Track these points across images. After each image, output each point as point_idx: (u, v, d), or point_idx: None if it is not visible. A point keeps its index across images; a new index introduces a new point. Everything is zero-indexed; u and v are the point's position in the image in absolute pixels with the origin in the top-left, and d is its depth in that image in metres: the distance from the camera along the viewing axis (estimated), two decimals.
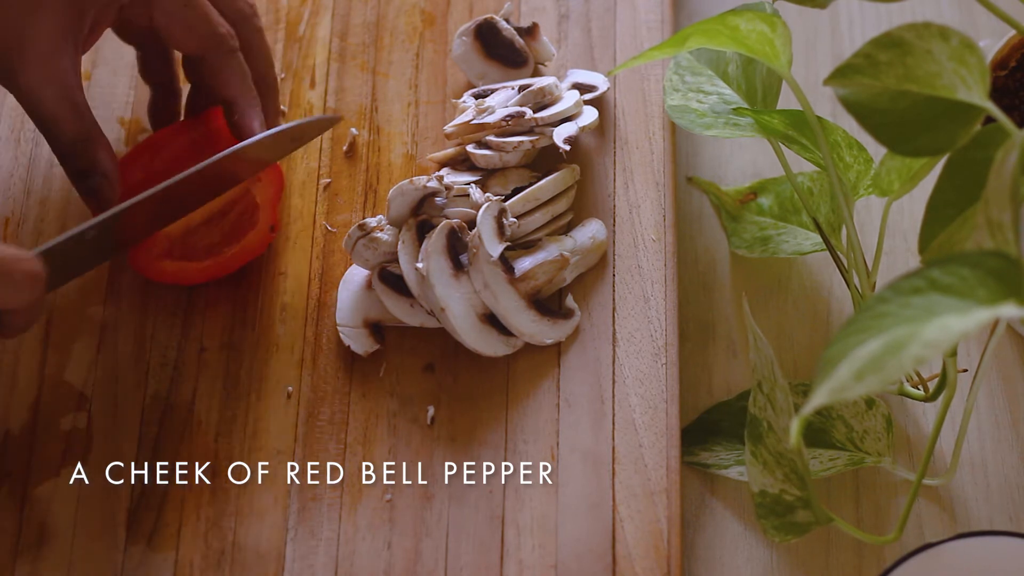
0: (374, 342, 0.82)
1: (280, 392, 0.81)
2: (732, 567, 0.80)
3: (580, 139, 0.87)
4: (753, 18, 0.72)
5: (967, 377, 0.84)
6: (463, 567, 0.76)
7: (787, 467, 0.75)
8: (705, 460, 0.82)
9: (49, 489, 0.79)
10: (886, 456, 0.80)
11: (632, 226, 0.84)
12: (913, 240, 0.88)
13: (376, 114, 0.89)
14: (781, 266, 0.88)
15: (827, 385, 0.56)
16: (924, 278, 0.58)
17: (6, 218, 0.87)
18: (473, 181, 0.84)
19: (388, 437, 0.80)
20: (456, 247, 0.81)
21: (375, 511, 0.78)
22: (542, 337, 0.81)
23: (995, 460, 0.82)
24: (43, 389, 0.82)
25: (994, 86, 0.83)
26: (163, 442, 0.80)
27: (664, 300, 0.82)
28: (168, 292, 0.84)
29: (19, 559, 0.77)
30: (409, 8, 0.92)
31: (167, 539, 0.77)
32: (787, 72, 0.75)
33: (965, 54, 0.64)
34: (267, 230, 0.83)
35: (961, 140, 0.66)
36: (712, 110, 0.83)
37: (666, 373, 0.80)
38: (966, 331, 0.55)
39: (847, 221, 0.77)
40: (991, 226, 0.60)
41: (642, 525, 0.76)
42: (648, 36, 0.90)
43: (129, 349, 0.82)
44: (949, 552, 0.72)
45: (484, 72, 0.89)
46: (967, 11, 0.96)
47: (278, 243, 0.85)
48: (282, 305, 0.84)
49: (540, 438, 0.79)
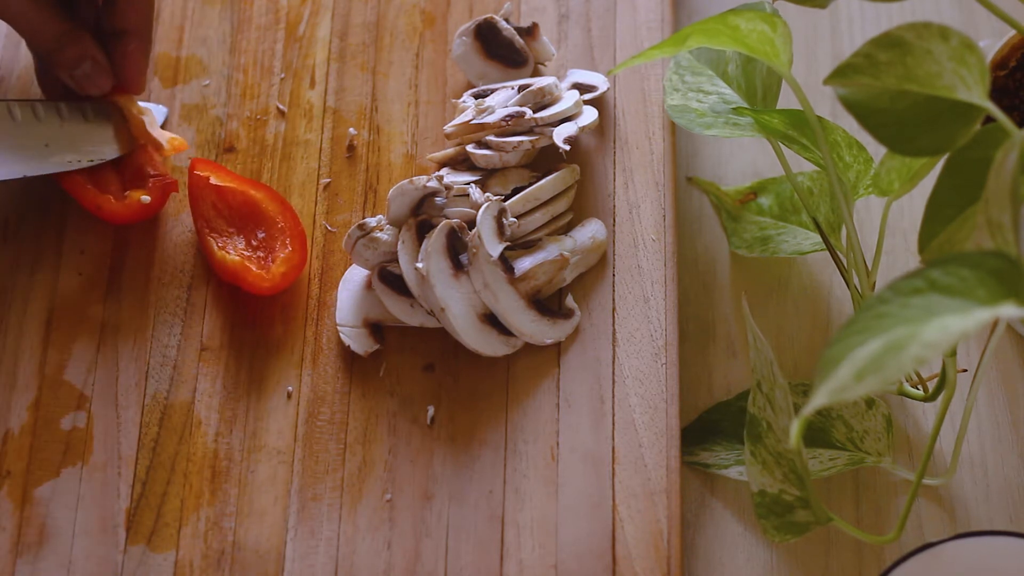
0: (374, 342, 0.82)
1: (280, 392, 0.81)
2: (732, 567, 0.80)
3: (580, 139, 0.87)
4: (753, 18, 0.72)
5: (967, 377, 0.84)
6: (463, 567, 0.76)
7: (787, 467, 0.75)
8: (705, 460, 0.82)
9: (49, 489, 0.79)
10: (886, 456, 0.80)
11: (632, 226, 0.84)
12: (913, 240, 0.88)
13: (376, 114, 0.89)
14: (781, 266, 0.88)
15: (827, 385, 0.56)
16: (924, 278, 0.58)
17: (6, 218, 0.87)
18: (473, 181, 0.84)
19: (388, 437, 0.80)
20: (456, 247, 0.81)
21: (375, 511, 0.78)
22: (542, 337, 0.81)
23: (995, 460, 0.82)
24: (43, 389, 0.82)
25: (994, 86, 0.83)
26: (163, 442, 0.80)
27: (664, 300, 0.82)
28: (168, 292, 0.84)
29: (19, 559, 0.77)
30: (409, 8, 0.92)
31: (167, 539, 0.77)
32: (787, 72, 0.75)
33: (965, 54, 0.64)
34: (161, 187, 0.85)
35: (961, 140, 0.66)
36: (712, 110, 0.83)
37: (666, 373, 0.80)
38: (966, 331, 0.55)
39: (847, 221, 0.77)
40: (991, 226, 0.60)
41: (642, 525, 0.76)
42: (648, 36, 0.90)
43: (129, 349, 0.83)
44: (949, 552, 0.72)
45: (484, 72, 0.89)
46: (967, 11, 0.96)
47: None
48: (282, 305, 0.84)
49: (540, 438, 0.79)
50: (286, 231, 0.83)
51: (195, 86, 0.91)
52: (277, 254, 0.83)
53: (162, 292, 0.84)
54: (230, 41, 0.92)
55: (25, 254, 0.85)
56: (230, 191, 0.85)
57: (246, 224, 0.84)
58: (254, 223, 0.84)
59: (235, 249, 0.84)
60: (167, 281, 0.85)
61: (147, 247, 0.86)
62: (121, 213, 0.84)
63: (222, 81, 0.91)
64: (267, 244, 0.84)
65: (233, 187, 0.85)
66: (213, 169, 0.86)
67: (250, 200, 0.85)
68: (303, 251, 0.83)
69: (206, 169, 0.86)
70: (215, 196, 0.85)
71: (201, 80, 0.91)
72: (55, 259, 0.85)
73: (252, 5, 0.93)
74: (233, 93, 0.90)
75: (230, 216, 0.85)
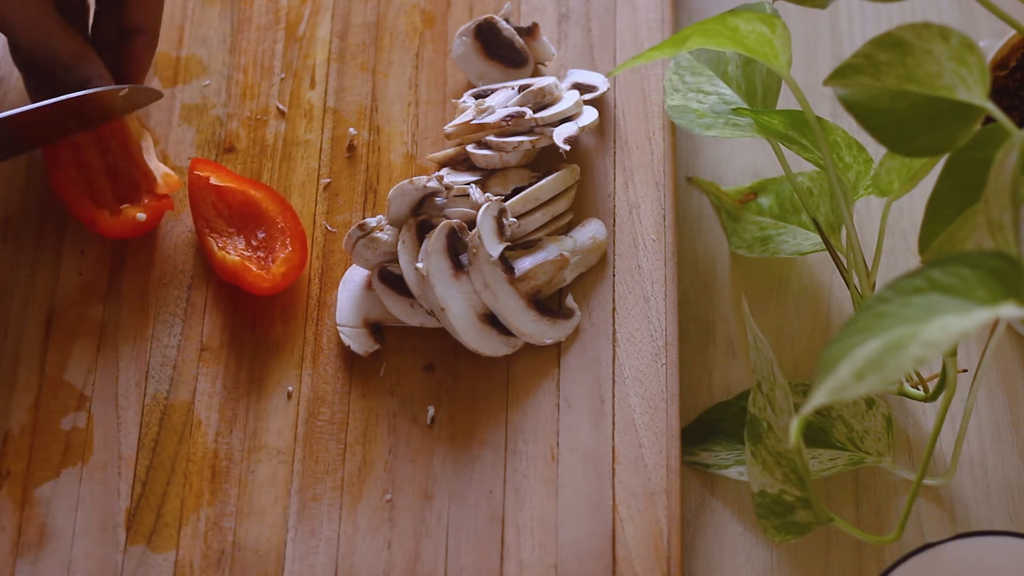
0: (374, 342, 0.82)
1: (280, 392, 0.81)
2: (732, 567, 0.80)
3: (580, 139, 0.87)
4: (753, 18, 0.72)
5: (967, 377, 0.84)
6: (463, 567, 0.76)
7: (787, 467, 0.75)
8: (705, 460, 0.82)
9: (49, 489, 0.79)
10: (886, 456, 0.80)
11: (632, 226, 0.84)
12: (913, 240, 0.88)
13: (376, 114, 0.89)
14: (781, 266, 0.88)
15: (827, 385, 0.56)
16: (924, 278, 0.58)
17: (6, 218, 0.87)
18: (473, 181, 0.84)
19: (388, 437, 0.80)
20: (456, 247, 0.81)
21: (375, 511, 0.78)
22: (542, 337, 0.81)
23: (995, 460, 0.82)
24: (43, 389, 0.82)
25: (994, 86, 0.83)
26: (163, 442, 0.80)
27: (664, 300, 0.82)
28: (168, 292, 0.84)
29: (19, 559, 0.77)
30: (409, 8, 0.92)
31: (167, 539, 0.77)
32: (787, 72, 0.75)
33: (965, 54, 0.64)
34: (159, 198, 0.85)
35: (961, 140, 0.66)
36: (712, 110, 0.83)
37: (666, 373, 0.80)
38: (966, 331, 0.55)
39: (847, 221, 0.77)
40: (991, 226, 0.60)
41: (642, 525, 0.76)
42: (648, 36, 0.90)
43: (129, 349, 0.83)
44: (949, 552, 0.72)
45: (484, 72, 0.89)
46: (967, 11, 0.96)
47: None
48: (282, 305, 0.84)
49: (540, 438, 0.79)
50: (286, 231, 0.84)
51: (195, 86, 0.91)
52: (277, 254, 0.83)
53: (162, 292, 0.84)
54: (230, 41, 0.92)
55: (25, 254, 0.85)
56: (230, 191, 0.85)
57: (246, 224, 0.84)
58: (254, 223, 0.84)
59: (235, 249, 0.84)
60: (167, 281, 0.85)
61: (147, 247, 0.86)
62: (116, 228, 0.84)
63: (222, 81, 0.91)
64: (267, 244, 0.84)
65: (233, 187, 0.85)
66: (213, 169, 0.86)
67: (250, 200, 0.85)
68: (303, 251, 0.83)
69: (206, 169, 0.86)
70: (215, 196, 0.85)
71: (201, 80, 0.91)
72: (55, 259, 0.85)
73: (252, 5, 0.93)
74: (233, 93, 0.90)
75: (230, 216, 0.85)
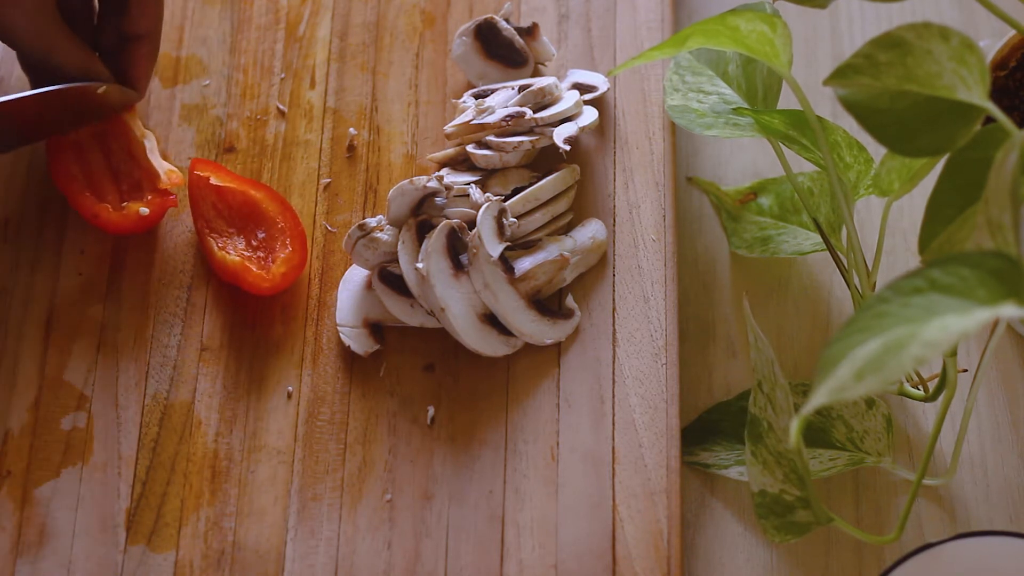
0: (374, 342, 0.82)
1: (280, 392, 0.81)
2: (732, 567, 0.80)
3: (580, 139, 0.87)
4: (753, 18, 0.72)
5: (967, 377, 0.84)
6: (463, 567, 0.76)
7: (787, 467, 0.75)
8: (705, 460, 0.82)
9: (49, 489, 0.79)
10: (886, 456, 0.80)
11: (632, 226, 0.84)
12: (913, 240, 0.88)
13: (376, 114, 0.89)
14: (781, 266, 0.88)
15: (827, 385, 0.56)
16: (924, 278, 0.58)
17: (6, 218, 0.87)
18: (473, 181, 0.84)
19: (388, 437, 0.80)
20: (456, 247, 0.81)
21: (375, 511, 0.78)
22: (542, 337, 0.81)
23: (995, 460, 0.82)
24: (43, 389, 0.82)
25: (994, 86, 0.83)
26: (163, 442, 0.80)
27: (664, 300, 0.82)
28: (168, 292, 0.84)
29: (19, 559, 0.77)
30: (409, 8, 0.92)
31: (167, 539, 0.77)
32: (787, 72, 0.75)
33: (965, 54, 0.64)
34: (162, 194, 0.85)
35: (961, 140, 0.66)
36: (712, 110, 0.83)
37: (666, 373, 0.80)
38: (966, 331, 0.55)
39: (847, 221, 0.77)
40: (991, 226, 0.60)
41: (642, 525, 0.76)
42: (648, 36, 0.90)
43: (129, 349, 0.83)
44: (949, 552, 0.72)
45: (484, 72, 0.89)
46: (967, 11, 0.96)
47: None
48: (282, 305, 0.84)
49: (540, 438, 0.79)
50: (286, 231, 0.84)
51: (195, 86, 0.91)
52: (277, 254, 0.83)
53: (162, 292, 0.84)
54: (230, 41, 0.92)
55: (25, 254, 0.85)
56: (230, 191, 0.85)
57: (246, 224, 0.84)
58: (254, 223, 0.84)
59: (235, 249, 0.84)
60: (167, 281, 0.85)
61: (147, 247, 0.86)
62: (118, 223, 0.84)
63: (222, 81, 0.91)
64: (267, 244, 0.84)
65: (233, 187, 0.85)
66: (213, 169, 0.86)
67: (250, 200, 0.85)
68: (303, 251, 0.83)
69: (206, 169, 0.86)
70: (215, 196, 0.85)
71: (201, 80, 0.91)
72: (55, 259, 0.85)
73: (252, 5, 0.93)
74: (233, 93, 0.90)
75: (230, 216, 0.85)
